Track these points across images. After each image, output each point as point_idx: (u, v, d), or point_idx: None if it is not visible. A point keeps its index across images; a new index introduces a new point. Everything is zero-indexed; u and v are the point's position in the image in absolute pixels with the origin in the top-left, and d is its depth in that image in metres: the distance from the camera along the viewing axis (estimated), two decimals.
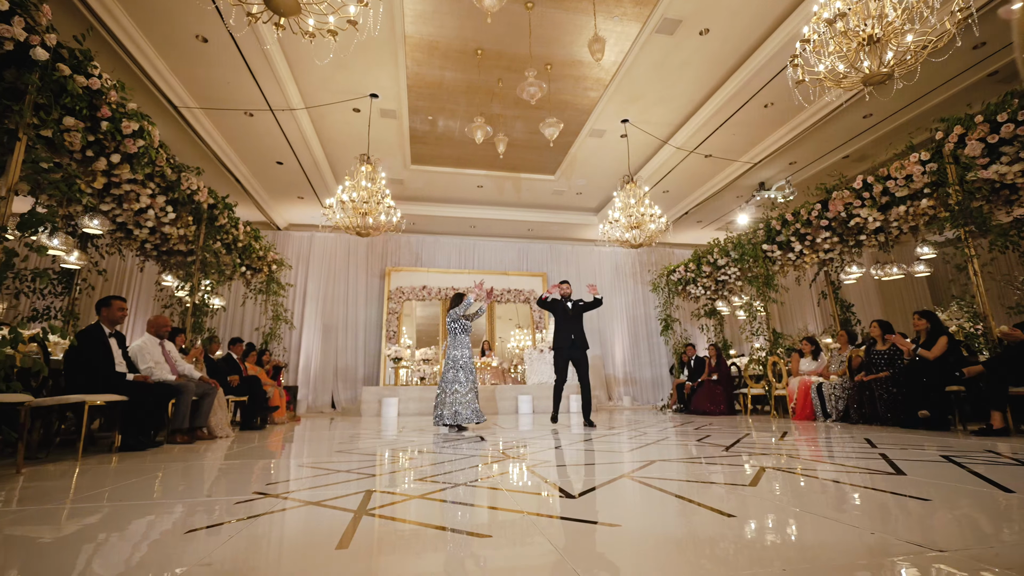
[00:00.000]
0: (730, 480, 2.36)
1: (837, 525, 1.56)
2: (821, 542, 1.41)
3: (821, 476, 2.42)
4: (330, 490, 2.29)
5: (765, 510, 1.79)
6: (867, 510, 1.78)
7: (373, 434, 5.24)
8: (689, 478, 2.42)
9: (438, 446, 4.03)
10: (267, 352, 7.54)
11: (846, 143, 8.88)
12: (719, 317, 9.40)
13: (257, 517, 1.81)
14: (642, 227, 8.22)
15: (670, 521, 1.69)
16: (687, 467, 2.74)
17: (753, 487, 2.19)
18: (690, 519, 1.70)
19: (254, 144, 8.71)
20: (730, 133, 8.63)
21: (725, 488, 2.18)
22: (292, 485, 2.43)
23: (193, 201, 5.63)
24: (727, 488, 2.17)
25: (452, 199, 11.41)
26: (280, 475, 2.73)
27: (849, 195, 5.94)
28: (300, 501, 2.06)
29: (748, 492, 2.09)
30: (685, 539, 1.49)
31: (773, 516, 1.72)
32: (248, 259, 7.34)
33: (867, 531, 1.48)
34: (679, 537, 1.51)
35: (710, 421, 6.29)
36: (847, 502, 1.92)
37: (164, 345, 4.73)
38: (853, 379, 5.71)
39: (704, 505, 1.86)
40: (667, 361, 12.86)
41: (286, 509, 1.93)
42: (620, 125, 8.74)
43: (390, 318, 11.42)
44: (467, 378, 5.47)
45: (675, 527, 1.62)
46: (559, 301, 6.55)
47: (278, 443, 4.55)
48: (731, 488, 2.17)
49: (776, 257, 7.09)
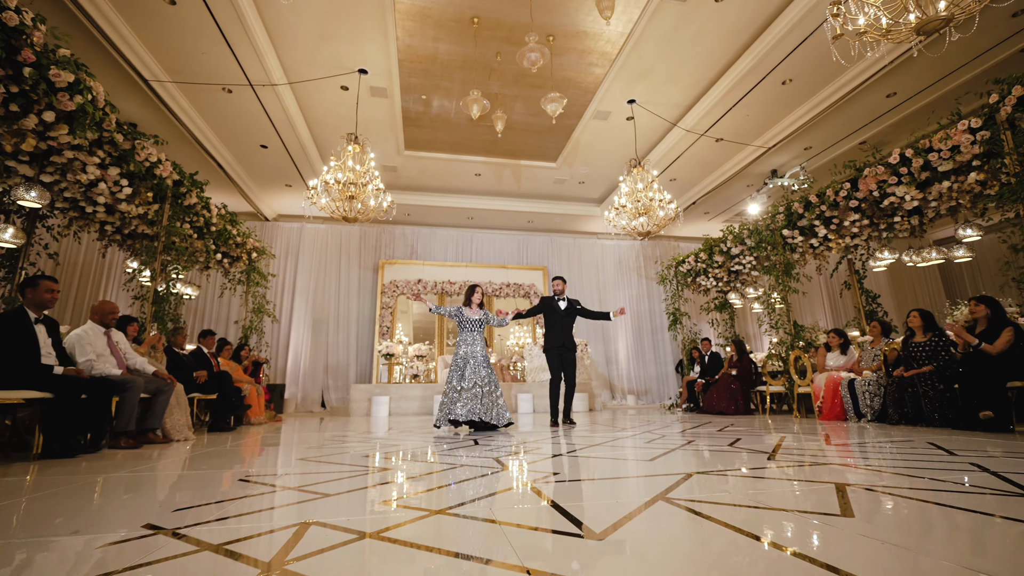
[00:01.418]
0: (808, 505, 1.68)
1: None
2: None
3: (922, 498, 1.75)
4: (255, 521, 1.62)
5: (894, 562, 1.13)
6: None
7: (356, 436, 4.57)
8: (749, 502, 1.75)
9: (423, 452, 3.37)
10: (246, 347, 6.87)
11: (866, 125, 8.22)
12: (730, 311, 8.73)
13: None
14: (650, 213, 7.56)
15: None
16: (737, 484, 2.07)
17: (848, 519, 1.51)
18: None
19: (236, 125, 8.04)
20: (743, 114, 7.97)
21: (812, 520, 1.51)
22: (208, 512, 1.75)
23: (154, 176, 4.96)
24: (815, 520, 1.51)
25: (449, 188, 10.75)
26: (203, 494, 2.06)
27: (883, 172, 5.28)
28: (197, 543, 1.38)
29: (846, 527, 1.42)
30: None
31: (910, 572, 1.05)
32: (225, 246, 6.66)
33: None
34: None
35: (729, 422, 5.62)
36: (1004, 542, 1.26)
37: (110, 335, 4.06)
38: (891, 375, 5.05)
39: (805, 557, 1.18)
40: (672, 358, 12.19)
41: (167, 558, 1.26)
42: (626, 106, 8.08)
43: (383, 313, 10.75)
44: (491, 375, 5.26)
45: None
46: (549, 299, 6.02)
47: (240, 448, 3.88)
48: (822, 521, 1.50)
49: (797, 244, 6.42)
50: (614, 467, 2.58)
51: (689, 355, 8.29)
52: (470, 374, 5.13)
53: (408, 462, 2.94)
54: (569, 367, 5.91)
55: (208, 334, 5.70)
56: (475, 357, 5.13)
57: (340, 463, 2.87)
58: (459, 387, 5.04)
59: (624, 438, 4.00)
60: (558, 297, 6.09)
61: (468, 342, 5.21)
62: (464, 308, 5.39)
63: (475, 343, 5.20)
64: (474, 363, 5.11)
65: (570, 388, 5.93)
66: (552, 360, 5.91)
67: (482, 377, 5.10)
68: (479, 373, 5.09)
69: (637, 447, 3.38)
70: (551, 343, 5.93)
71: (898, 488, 1.91)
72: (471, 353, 5.15)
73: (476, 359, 5.12)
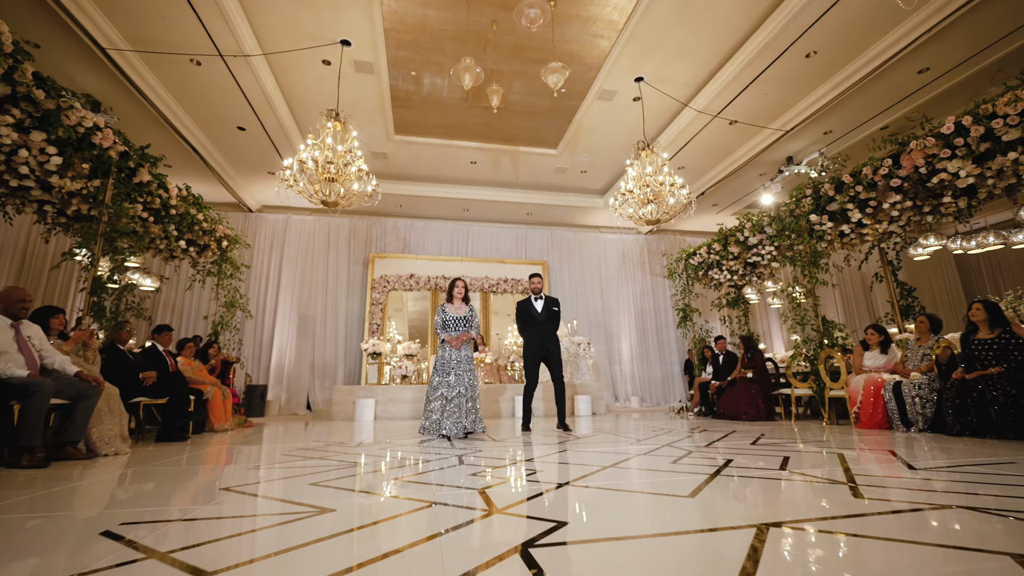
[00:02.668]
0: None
1: None
2: None
3: None
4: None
5: None
6: None
7: (327, 448, 3.82)
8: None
9: (393, 469, 2.61)
10: (215, 344, 6.11)
11: (893, 106, 7.45)
12: (743, 307, 7.98)
13: None
14: (660, 200, 6.81)
15: None
16: (850, 550, 1.32)
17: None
18: None
19: (209, 104, 7.28)
20: (761, 93, 7.22)
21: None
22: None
23: (92, 145, 4.21)
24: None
25: (443, 178, 9.99)
26: (48, 540, 1.31)
27: (934, 144, 4.53)
28: None
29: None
30: None
31: None
32: (190, 232, 5.90)
33: None
34: None
35: (755, 430, 4.86)
36: None
37: (20, 328, 3.30)
38: (947, 377, 4.30)
39: None
40: (679, 357, 11.43)
41: None
42: (633, 85, 7.33)
43: (373, 309, 9.99)
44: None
45: None
46: (525, 302, 5.31)
47: (177, 464, 3.12)
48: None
49: (825, 231, 5.67)
50: (650, 507, 1.82)
51: (701, 355, 7.54)
52: (455, 380, 4.44)
53: (373, 494, 2.19)
54: (555, 364, 5.13)
55: (163, 330, 4.94)
56: (460, 361, 4.44)
57: (278, 496, 2.11)
58: (447, 395, 4.35)
59: (646, 454, 3.24)
60: (535, 297, 5.33)
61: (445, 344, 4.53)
62: (446, 305, 4.68)
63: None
64: (459, 367, 4.42)
65: (560, 388, 5.15)
66: (531, 365, 5.10)
67: (466, 384, 4.42)
68: (463, 380, 4.41)
69: (662, 467, 2.63)
70: (529, 350, 5.13)
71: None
72: (456, 356, 4.46)
73: (462, 363, 4.43)
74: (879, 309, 10.09)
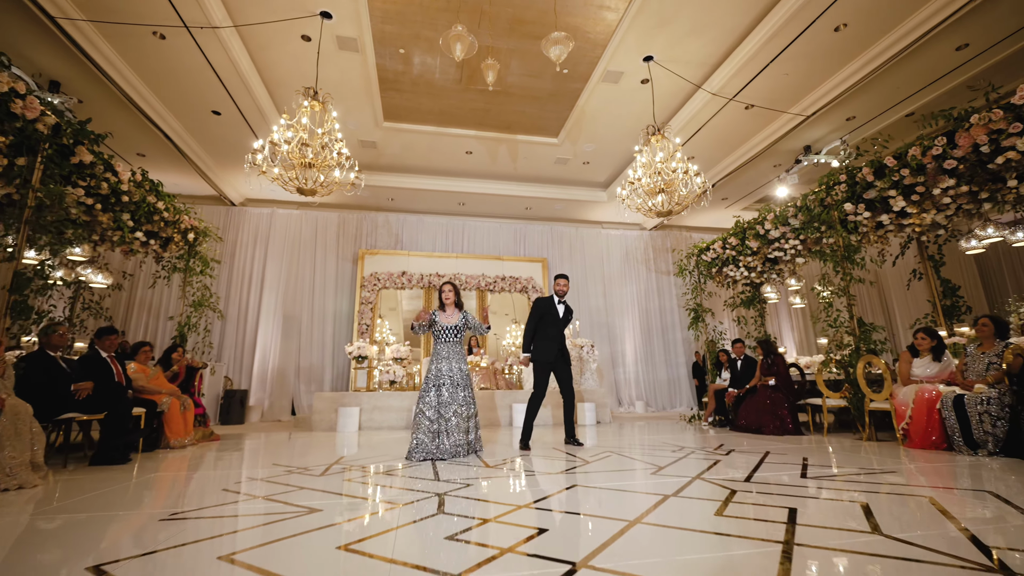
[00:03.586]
0: None
1: None
2: None
3: None
4: None
5: None
6: None
7: (287, 473, 3.12)
8: None
9: (350, 523, 1.91)
10: (179, 348, 5.41)
11: (925, 88, 6.75)
12: (759, 307, 7.28)
13: None
14: (671, 190, 6.11)
15: None
16: None
17: None
18: None
19: (178, 85, 6.56)
20: (782, 73, 6.52)
21: None
22: None
23: (13, 116, 3.50)
24: None
25: (437, 169, 9.28)
26: None
27: (1001, 118, 3.83)
28: None
29: None
30: None
31: None
32: (150, 223, 5.18)
33: None
34: None
35: (793, 450, 4.17)
36: None
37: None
38: (1017, 390, 3.61)
39: None
40: (685, 360, 10.73)
41: None
42: (642, 66, 6.63)
43: (363, 309, 9.28)
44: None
45: None
46: (547, 301, 4.67)
47: (82, 507, 2.43)
48: None
49: (862, 222, 4.97)
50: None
51: (715, 359, 6.84)
52: (449, 397, 3.75)
53: (337, 550, 1.49)
54: (566, 378, 4.59)
55: (106, 333, 4.23)
56: (452, 376, 3.77)
57: (205, 521, 1.41)
58: (438, 414, 3.68)
59: (668, 491, 2.55)
60: (559, 298, 4.73)
61: (444, 356, 3.84)
62: (438, 313, 4.00)
63: (451, 357, 3.84)
64: (451, 384, 3.75)
65: (570, 400, 4.62)
66: (542, 373, 4.49)
67: (460, 402, 3.75)
68: (457, 397, 3.73)
69: (707, 530, 1.94)
70: (545, 355, 4.50)
71: None
72: (447, 371, 3.79)
73: (453, 378, 3.77)
74: (910, 310, 9.24)
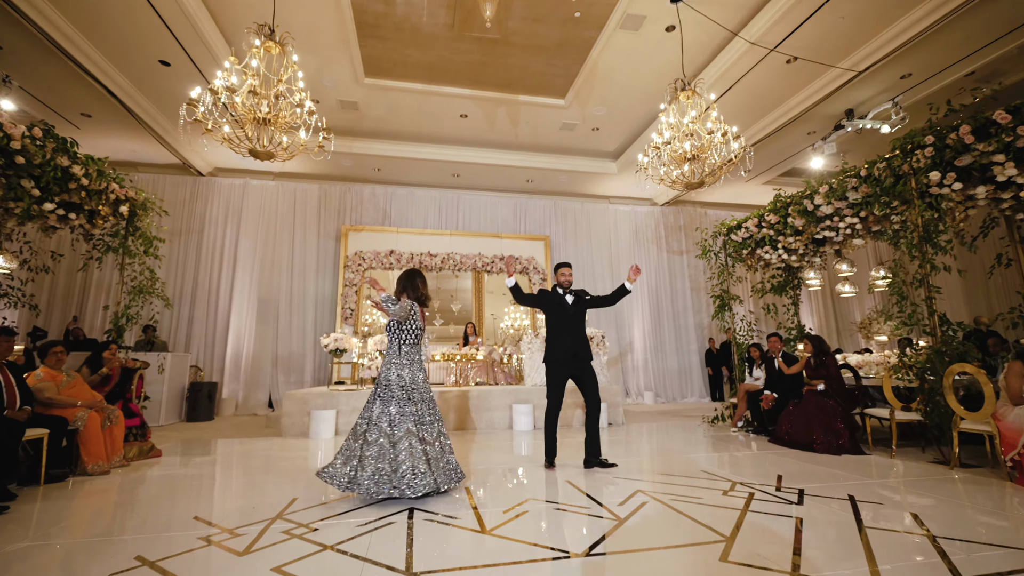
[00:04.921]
0: None
1: None
2: None
3: None
4: None
5: None
6: None
7: (208, 533, 2.19)
8: None
9: None
10: (112, 345, 4.41)
11: (996, 41, 5.65)
12: (793, 295, 6.31)
13: None
14: (702, 157, 5.05)
15: None
16: None
17: None
18: None
19: (113, 28, 5.35)
20: (836, 16, 5.36)
21: None
22: None
23: None
24: None
25: (428, 136, 8.13)
26: None
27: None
28: None
29: None
30: None
31: None
32: (66, 192, 4.11)
33: None
34: None
35: (882, 490, 3.25)
36: None
37: None
38: None
39: None
40: (698, 347, 9.83)
41: None
42: (668, 8, 5.47)
43: (347, 291, 8.27)
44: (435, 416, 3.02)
45: None
46: (551, 292, 3.89)
47: None
48: None
49: (950, 194, 3.93)
50: None
51: (746, 355, 5.90)
52: (428, 414, 2.86)
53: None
54: (588, 384, 3.73)
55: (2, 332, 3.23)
56: (421, 383, 2.92)
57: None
58: (414, 435, 2.75)
59: (736, 570, 1.61)
60: (564, 290, 3.83)
61: (415, 360, 2.91)
62: (416, 306, 3.07)
63: (422, 360, 2.97)
64: (422, 393, 2.88)
65: (595, 411, 3.75)
66: (557, 377, 3.68)
67: (432, 415, 2.94)
68: (432, 408, 2.94)
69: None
70: (557, 353, 3.70)
71: None
72: (421, 379, 2.91)
73: (420, 386, 2.93)
74: (991, 303, 8.19)
